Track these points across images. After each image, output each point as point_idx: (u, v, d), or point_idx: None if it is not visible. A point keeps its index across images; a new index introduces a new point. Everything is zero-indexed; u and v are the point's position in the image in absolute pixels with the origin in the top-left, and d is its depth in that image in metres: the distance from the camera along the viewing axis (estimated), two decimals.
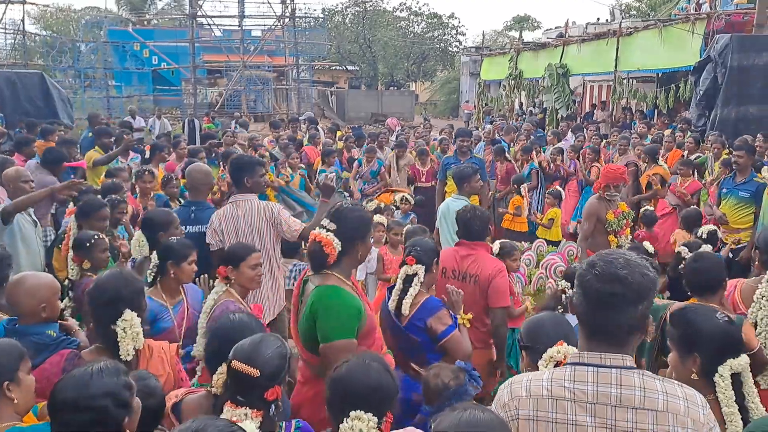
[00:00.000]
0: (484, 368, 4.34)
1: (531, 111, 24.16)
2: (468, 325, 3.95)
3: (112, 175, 7.05)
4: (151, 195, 7.15)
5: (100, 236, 4.45)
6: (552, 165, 10.83)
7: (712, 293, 3.81)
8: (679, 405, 1.94)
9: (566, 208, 10.16)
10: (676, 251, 5.86)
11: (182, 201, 6.70)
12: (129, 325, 2.99)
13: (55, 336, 3.38)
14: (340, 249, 3.30)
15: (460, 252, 4.66)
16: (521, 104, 26.19)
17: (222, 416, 2.34)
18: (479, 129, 17.34)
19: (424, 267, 3.88)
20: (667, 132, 13.51)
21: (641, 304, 1.99)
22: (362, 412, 2.24)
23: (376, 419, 2.26)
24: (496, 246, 5.67)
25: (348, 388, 2.33)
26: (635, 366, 2.02)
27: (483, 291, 4.51)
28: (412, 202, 8.48)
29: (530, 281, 7.67)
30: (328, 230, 3.33)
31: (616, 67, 17.83)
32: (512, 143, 12.75)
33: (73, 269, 4.38)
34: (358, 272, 6.45)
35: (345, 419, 2.23)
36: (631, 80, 19.82)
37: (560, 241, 9.34)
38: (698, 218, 7.25)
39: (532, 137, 13.21)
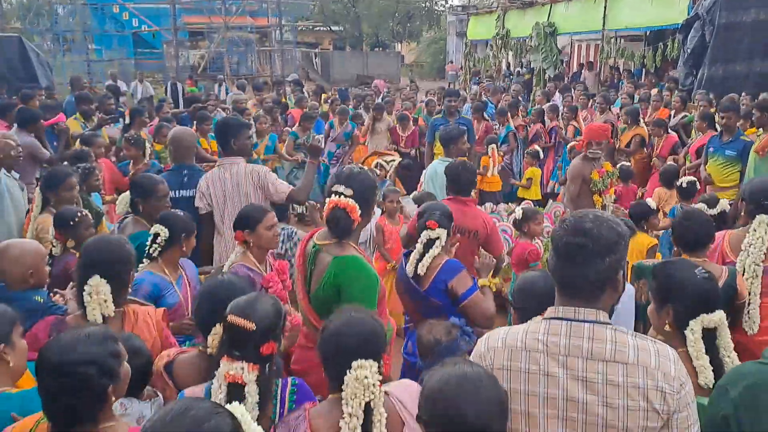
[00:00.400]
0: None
1: (518, 71, 24.00)
2: (494, 289, 3.95)
3: (87, 143, 6.92)
4: (145, 161, 7.14)
5: (84, 213, 4.34)
6: (529, 128, 10.90)
7: (701, 249, 3.88)
8: (650, 359, 1.96)
9: (549, 169, 10.22)
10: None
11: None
12: (95, 291, 2.98)
13: (42, 302, 3.38)
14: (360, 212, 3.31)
15: (452, 207, 4.57)
16: (508, 65, 25.99)
17: (218, 371, 2.40)
18: (466, 90, 17.22)
19: (446, 231, 3.89)
20: (654, 91, 13.48)
21: (608, 257, 2.00)
22: (363, 360, 2.28)
23: (376, 364, 2.30)
24: (518, 211, 5.75)
25: (342, 342, 2.35)
26: (610, 322, 2.05)
27: (480, 245, 4.71)
28: (388, 169, 8.36)
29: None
30: (345, 195, 3.29)
31: (603, 25, 17.70)
32: (499, 104, 12.67)
33: (55, 246, 4.24)
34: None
35: (348, 371, 2.26)
36: (619, 39, 19.71)
37: (539, 201, 9.46)
38: (676, 173, 7.46)
39: (520, 98, 13.15)
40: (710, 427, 2.32)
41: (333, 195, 3.34)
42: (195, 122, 9.04)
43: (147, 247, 3.83)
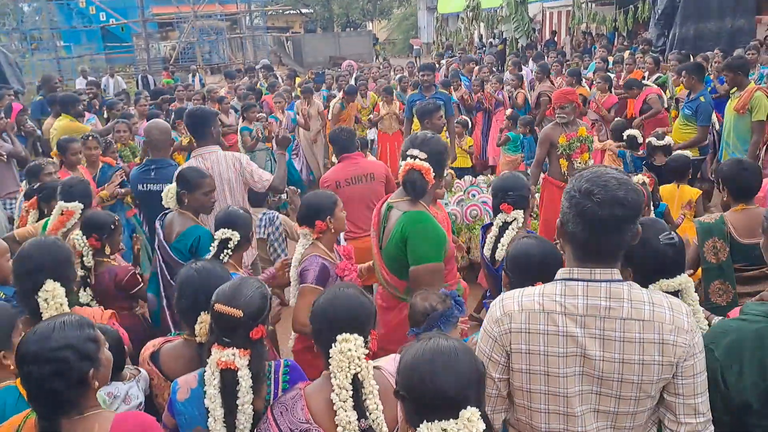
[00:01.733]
0: None
1: (491, 43, 23.94)
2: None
3: (62, 149, 6.30)
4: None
5: (117, 218, 4.27)
6: (473, 96, 11.00)
7: (751, 197, 4.00)
8: (665, 314, 2.00)
9: (494, 137, 10.36)
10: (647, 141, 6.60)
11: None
12: (51, 296, 2.98)
13: (4, 297, 3.35)
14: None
15: (345, 165, 5.30)
16: (480, 36, 25.93)
17: (210, 359, 2.43)
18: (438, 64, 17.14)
19: (522, 211, 3.75)
20: (626, 54, 13.51)
21: (637, 220, 2.04)
22: (347, 334, 2.31)
23: (362, 338, 2.33)
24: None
25: (331, 317, 2.39)
26: (622, 279, 2.07)
27: (382, 183, 5.28)
28: None
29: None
30: (419, 159, 3.46)
31: None
32: (471, 75, 12.67)
33: (88, 255, 4.01)
34: None
35: (333, 344, 2.30)
36: (589, 4, 19.71)
37: (470, 169, 9.74)
38: (624, 127, 7.80)
39: (494, 70, 13.14)
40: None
41: (408, 158, 3.50)
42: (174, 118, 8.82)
43: (214, 251, 3.73)
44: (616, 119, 8.56)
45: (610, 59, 13.01)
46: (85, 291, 3.97)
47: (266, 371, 2.54)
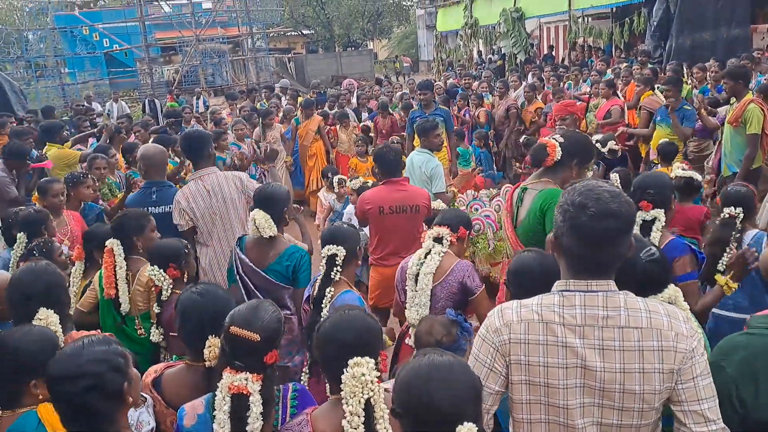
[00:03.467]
0: None
1: (490, 59, 24.10)
2: (729, 292, 3.57)
3: (43, 192, 5.81)
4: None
5: (186, 243, 4.15)
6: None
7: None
8: (662, 320, 2.01)
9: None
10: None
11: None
12: (45, 324, 2.93)
13: None
14: (558, 159, 3.91)
15: (390, 189, 5.14)
16: (480, 52, 26.10)
17: (221, 382, 2.38)
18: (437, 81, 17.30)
19: (663, 210, 3.67)
20: (623, 65, 13.61)
21: (631, 231, 2.06)
22: (359, 357, 2.25)
23: (373, 360, 2.27)
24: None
25: (338, 341, 2.34)
26: (618, 290, 2.08)
27: (423, 217, 5.18)
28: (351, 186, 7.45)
29: (501, 226, 7.70)
30: (556, 140, 3.93)
31: (570, 6, 17.82)
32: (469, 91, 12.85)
33: (168, 288, 3.83)
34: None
35: (345, 369, 2.23)
36: (586, 18, 19.85)
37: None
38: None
39: (493, 84, 13.26)
40: None
41: (548, 138, 4.00)
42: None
43: (324, 269, 3.64)
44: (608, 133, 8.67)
45: (609, 71, 13.13)
46: (157, 329, 3.87)
47: (275, 396, 2.50)
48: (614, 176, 5.17)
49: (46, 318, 2.94)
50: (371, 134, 11.25)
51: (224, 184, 4.95)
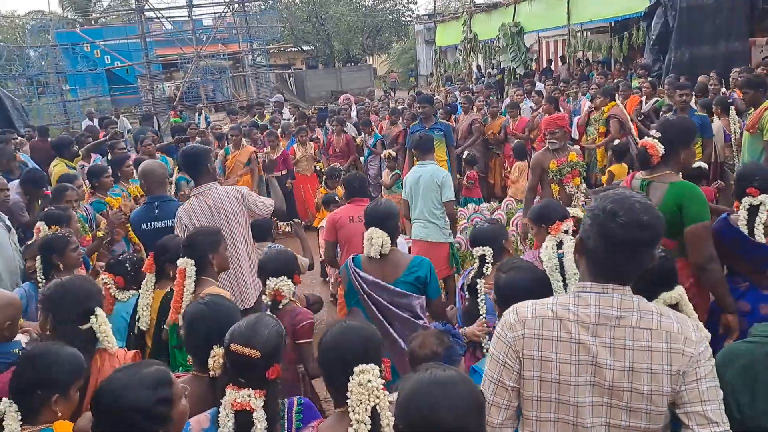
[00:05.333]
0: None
1: (489, 73, 24.21)
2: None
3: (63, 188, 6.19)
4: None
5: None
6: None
7: None
8: (672, 324, 2.06)
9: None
10: None
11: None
12: (104, 321, 3.04)
13: (19, 353, 3.29)
14: (663, 153, 4.09)
15: (356, 204, 5.53)
16: (479, 67, 26.22)
17: (224, 399, 2.39)
18: (437, 95, 17.44)
19: None
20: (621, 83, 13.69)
21: (658, 245, 2.10)
22: (364, 365, 2.27)
23: (378, 367, 2.29)
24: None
25: (341, 351, 2.36)
26: (633, 294, 2.12)
27: None
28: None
29: None
30: (653, 136, 4.12)
31: (568, 20, 17.91)
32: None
33: (290, 294, 3.95)
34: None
35: (350, 377, 2.25)
36: (585, 32, 19.95)
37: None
38: (626, 149, 8.15)
39: (491, 98, 13.39)
40: None
41: (645, 138, 4.23)
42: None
43: (478, 265, 3.82)
44: (619, 143, 8.83)
45: (607, 85, 13.20)
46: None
47: (280, 410, 2.52)
48: None
49: (102, 314, 3.06)
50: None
51: (225, 200, 4.93)
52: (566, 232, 3.68)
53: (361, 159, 11.64)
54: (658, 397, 2.02)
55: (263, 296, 4.00)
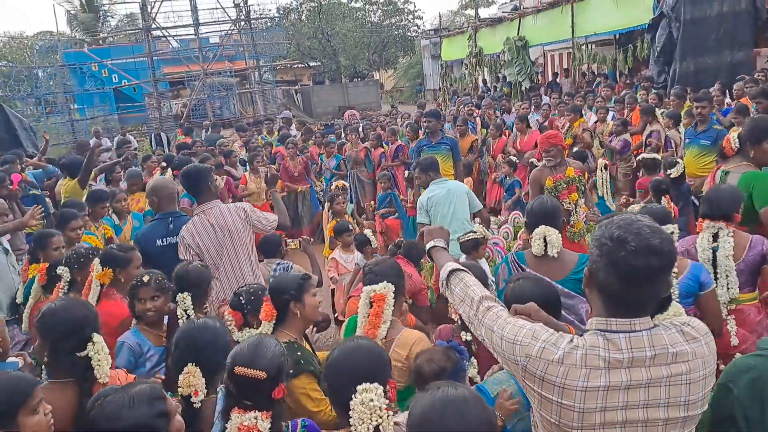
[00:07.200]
0: None
1: (495, 86, 24.27)
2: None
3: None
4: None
5: None
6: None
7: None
8: (703, 347, 1.98)
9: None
10: None
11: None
12: (101, 348, 2.95)
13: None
14: (738, 147, 4.91)
15: None
16: (485, 80, 26.29)
17: (230, 423, 2.38)
18: (444, 109, 17.50)
19: None
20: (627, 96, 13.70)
21: (672, 270, 1.99)
22: (367, 384, 2.25)
23: (381, 387, 2.27)
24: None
25: (346, 369, 2.35)
26: (653, 323, 2.02)
27: None
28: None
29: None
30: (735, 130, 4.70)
31: (573, 33, 17.96)
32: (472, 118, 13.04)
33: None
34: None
35: (353, 396, 2.24)
36: (589, 45, 20.00)
37: None
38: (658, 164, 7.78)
39: (496, 112, 13.47)
40: (718, 427, 2.28)
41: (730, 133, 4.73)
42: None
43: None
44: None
45: (613, 97, 13.22)
46: None
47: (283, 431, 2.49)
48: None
49: (100, 342, 2.95)
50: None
51: (228, 218, 4.92)
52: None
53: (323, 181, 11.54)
54: (696, 410, 1.99)
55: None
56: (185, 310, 3.78)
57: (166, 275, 4.00)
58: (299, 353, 3.27)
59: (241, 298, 3.85)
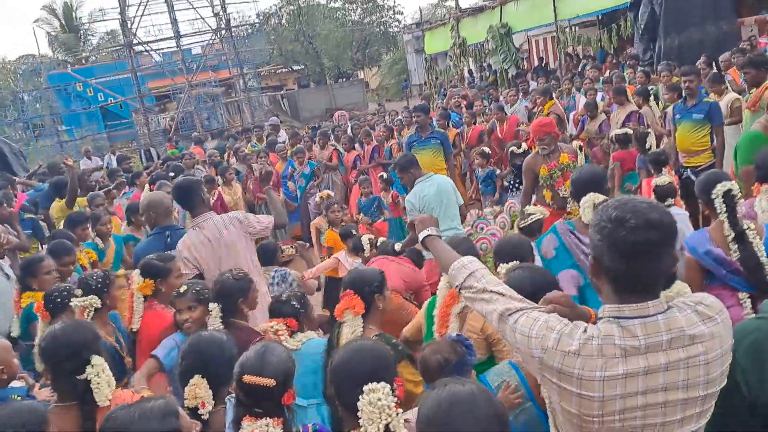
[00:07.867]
0: None
1: (481, 76, 24.22)
2: None
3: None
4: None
5: None
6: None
7: None
8: (719, 325, 1.95)
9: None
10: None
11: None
12: (101, 370, 2.93)
13: (21, 399, 3.23)
14: None
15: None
16: (470, 71, 26.25)
17: (242, 431, 2.37)
18: (432, 104, 17.47)
19: None
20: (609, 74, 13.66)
21: (675, 244, 1.95)
22: (374, 383, 2.24)
23: (389, 386, 2.25)
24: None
25: (354, 370, 2.34)
26: (666, 304, 1.99)
27: None
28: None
29: None
30: None
31: (556, 17, 17.94)
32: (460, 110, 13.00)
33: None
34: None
35: (360, 396, 2.22)
36: (573, 27, 19.97)
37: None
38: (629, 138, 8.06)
39: (483, 102, 13.43)
40: (727, 399, 2.20)
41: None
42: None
43: None
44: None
45: (601, 78, 13.16)
46: None
47: None
48: None
49: (101, 364, 2.93)
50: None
51: (224, 230, 4.86)
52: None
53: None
54: (715, 386, 1.95)
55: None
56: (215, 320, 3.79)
57: None
58: (393, 341, 3.47)
59: (294, 303, 3.80)
